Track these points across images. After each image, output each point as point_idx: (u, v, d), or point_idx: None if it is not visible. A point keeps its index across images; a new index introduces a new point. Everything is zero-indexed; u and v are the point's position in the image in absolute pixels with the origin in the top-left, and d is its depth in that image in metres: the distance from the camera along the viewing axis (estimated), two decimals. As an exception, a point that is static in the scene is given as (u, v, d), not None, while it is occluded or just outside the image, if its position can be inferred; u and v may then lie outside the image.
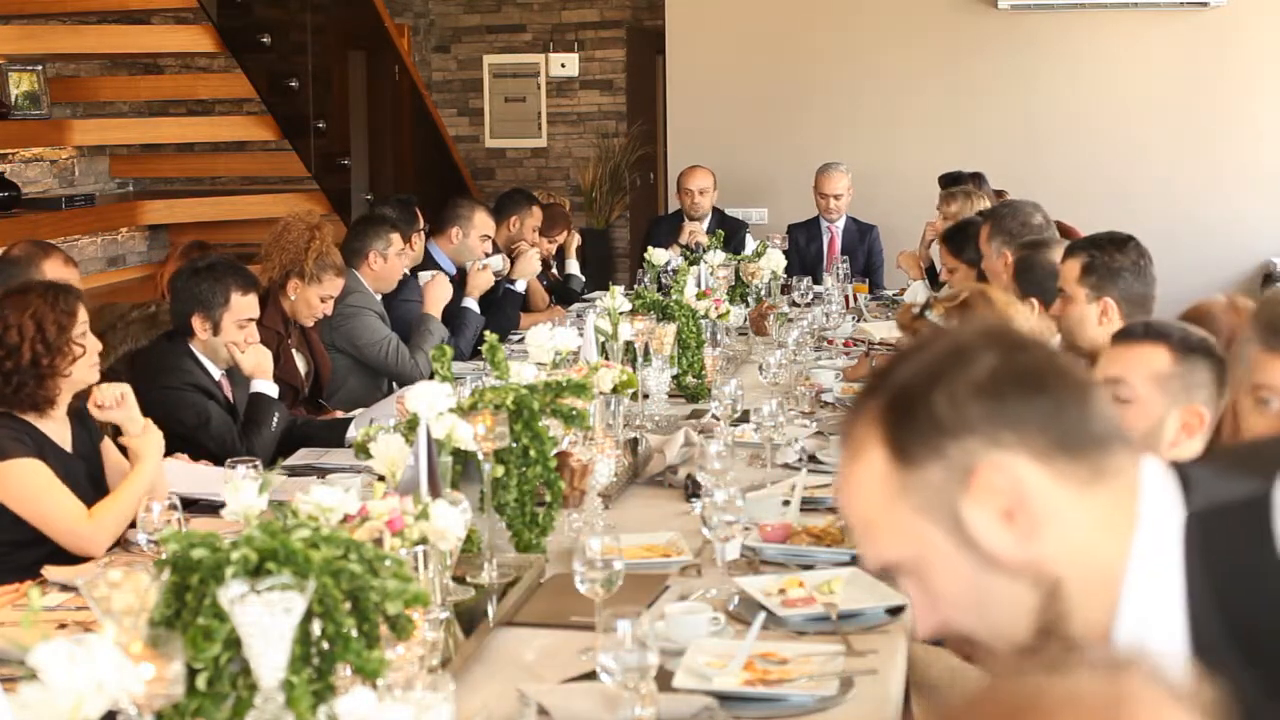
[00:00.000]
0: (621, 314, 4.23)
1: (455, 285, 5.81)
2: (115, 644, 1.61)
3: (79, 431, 3.40)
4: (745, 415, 4.00)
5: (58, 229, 6.64)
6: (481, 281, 5.95)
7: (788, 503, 3.26)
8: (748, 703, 2.29)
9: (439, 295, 5.57)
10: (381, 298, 5.49)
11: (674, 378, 4.57)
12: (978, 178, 7.17)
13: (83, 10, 7.51)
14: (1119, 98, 8.37)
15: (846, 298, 6.52)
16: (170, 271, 4.87)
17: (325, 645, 1.87)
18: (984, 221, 5.03)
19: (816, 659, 2.41)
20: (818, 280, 6.93)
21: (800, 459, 3.78)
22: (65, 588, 2.91)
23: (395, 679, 1.90)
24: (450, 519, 2.34)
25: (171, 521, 2.78)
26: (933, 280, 6.41)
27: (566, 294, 7.12)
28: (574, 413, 3.02)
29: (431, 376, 2.99)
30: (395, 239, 5.47)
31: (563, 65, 9.97)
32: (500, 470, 2.89)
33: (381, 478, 2.69)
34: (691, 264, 5.48)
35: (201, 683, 1.82)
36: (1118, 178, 8.37)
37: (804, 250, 7.51)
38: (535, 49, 10.02)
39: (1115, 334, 2.80)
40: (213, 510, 3.08)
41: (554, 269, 7.29)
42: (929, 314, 3.07)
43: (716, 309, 5.11)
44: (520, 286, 6.36)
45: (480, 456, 2.80)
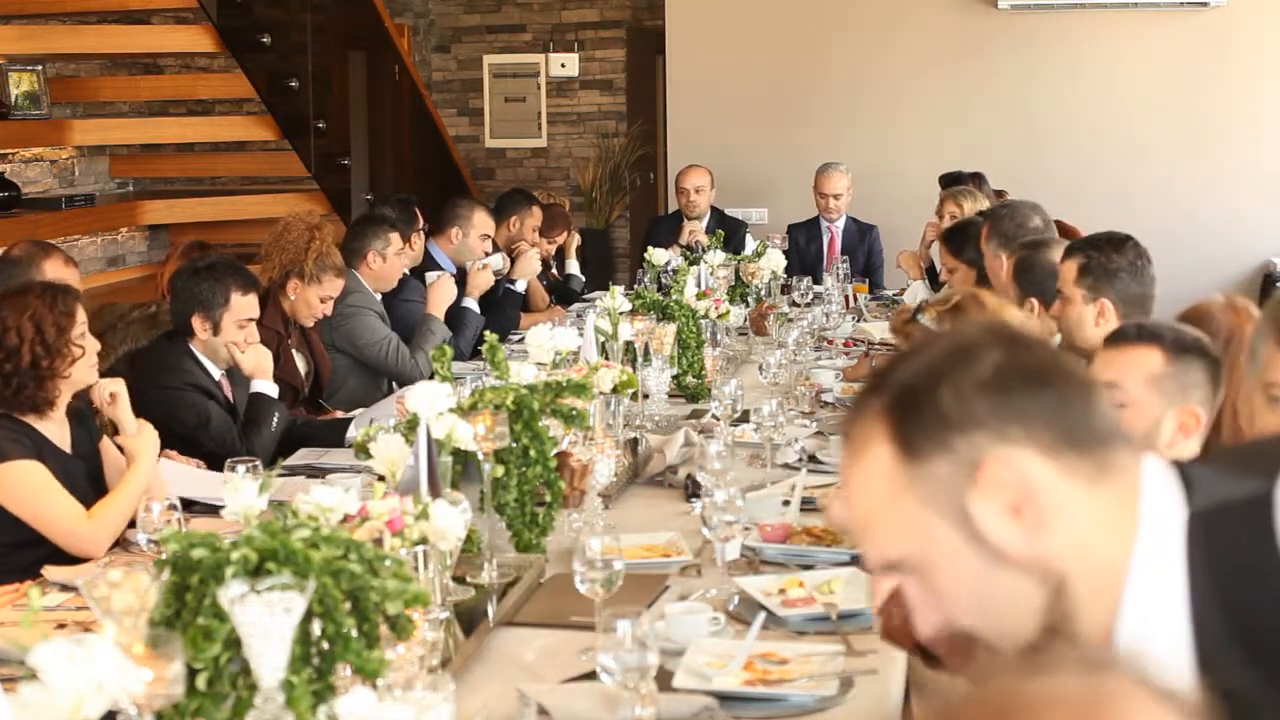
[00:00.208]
0: (621, 314, 4.23)
1: (455, 285, 5.80)
2: (115, 644, 1.61)
3: (78, 432, 3.40)
4: (745, 415, 4.00)
5: (58, 229, 6.64)
6: (481, 281, 5.95)
7: (788, 503, 3.26)
8: (748, 703, 2.29)
9: (443, 296, 5.57)
10: (382, 298, 5.49)
11: (674, 378, 4.57)
12: (978, 178, 7.17)
13: (83, 10, 7.51)
14: (1119, 98, 8.37)
15: (846, 298, 6.52)
16: (171, 271, 4.87)
17: (325, 645, 1.87)
18: (984, 222, 5.03)
19: (816, 659, 2.41)
20: (818, 280, 6.93)
21: (800, 459, 3.78)
22: (65, 588, 2.91)
23: (395, 679, 1.90)
24: (450, 519, 2.34)
25: (171, 521, 2.78)
26: (933, 280, 6.41)
27: (566, 294, 7.12)
28: (574, 413, 3.02)
29: (431, 376, 2.99)
30: (394, 238, 5.47)
31: (563, 65, 9.97)
32: (500, 470, 2.89)
33: (381, 478, 2.69)
34: (691, 264, 5.49)
35: (201, 683, 1.82)
36: (1118, 178, 8.37)
37: (804, 250, 7.51)
38: (535, 49, 10.02)
39: (1108, 337, 2.79)
40: (213, 510, 3.08)
41: (554, 269, 7.30)
42: (921, 318, 3.08)
43: (716, 309, 5.11)
44: (520, 286, 6.36)
45: (480, 456, 2.80)
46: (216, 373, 4.19)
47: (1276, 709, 1.26)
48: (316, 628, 1.86)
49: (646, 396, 4.30)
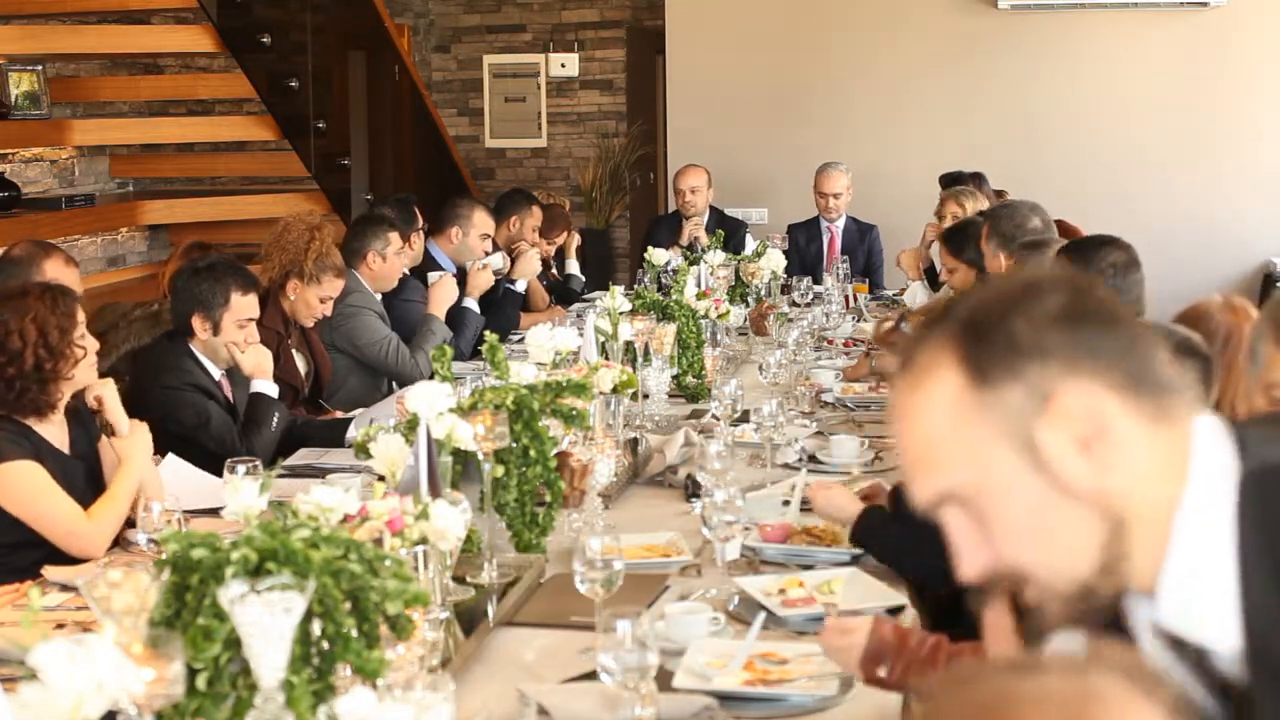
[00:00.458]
0: (621, 314, 4.23)
1: (456, 285, 5.81)
2: (115, 644, 1.61)
3: (76, 432, 3.39)
4: (745, 415, 4.00)
5: (58, 229, 6.64)
6: (481, 281, 5.95)
7: (788, 503, 3.26)
8: (748, 703, 2.30)
9: (444, 296, 5.56)
10: (382, 298, 5.49)
11: (674, 378, 4.57)
12: (978, 178, 7.17)
13: (83, 10, 7.51)
14: (1119, 98, 8.37)
15: (846, 298, 6.52)
16: (172, 271, 4.87)
17: (325, 645, 1.87)
18: (984, 222, 5.03)
19: (816, 659, 2.41)
20: (818, 280, 6.93)
21: (800, 459, 3.78)
22: (65, 588, 2.91)
23: (395, 679, 1.90)
24: (450, 519, 2.34)
25: (171, 521, 2.78)
26: (932, 281, 6.41)
27: (566, 294, 7.12)
28: (574, 413, 3.02)
29: (431, 376, 2.99)
30: (394, 238, 5.47)
31: (563, 65, 9.97)
32: (500, 470, 2.89)
33: (381, 478, 2.69)
34: (691, 264, 5.49)
35: (201, 683, 1.82)
36: (1118, 178, 8.37)
37: (804, 250, 7.51)
38: (535, 49, 10.02)
39: None
40: (212, 510, 3.08)
41: (554, 269, 7.30)
42: (904, 328, 3.07)
43: (716, 309, 5.11)
44: (520, 286, 6.36)
45: (480, 456, 2.80)
46: (216, 373, 4.19)
47: None
48: (316, 628, 1.86)
49: (646, 396, 4.30)
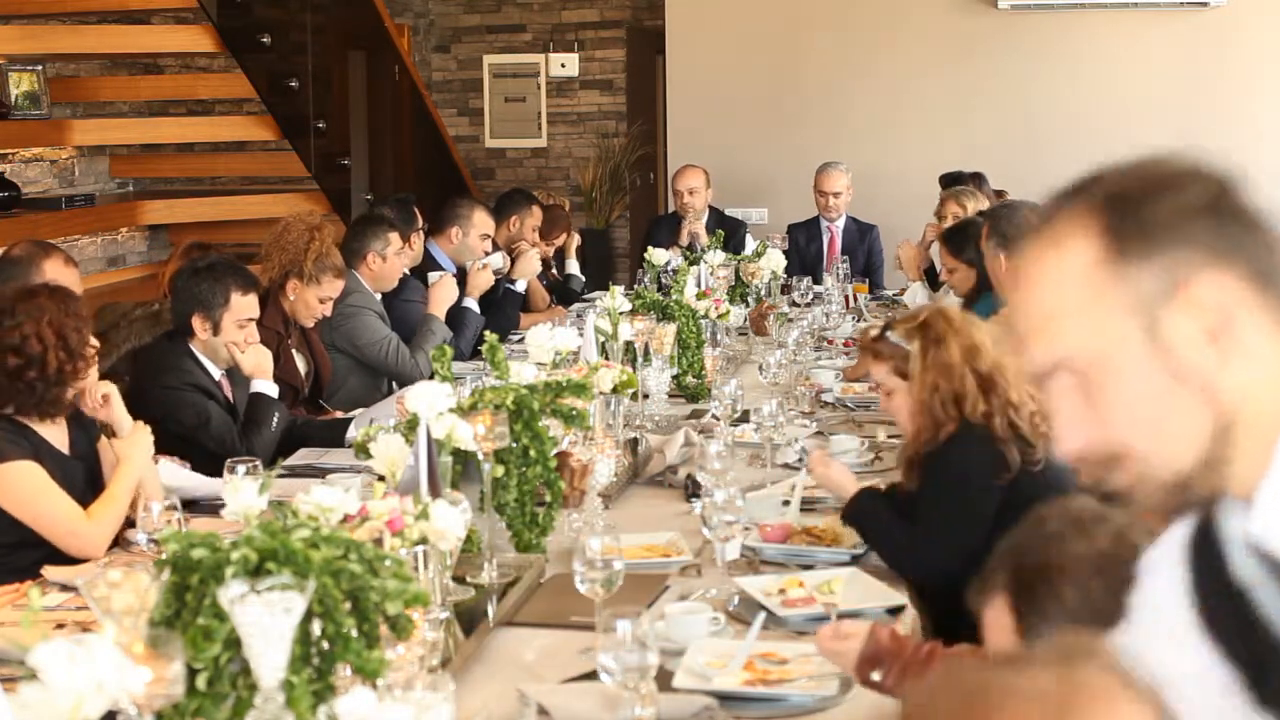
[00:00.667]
0: (621, 314, 4.23)
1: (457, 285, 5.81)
2: (115, 644, 1.61)
3: (76, 432, 3.39)
4: (745, 415, 4.00)
5: (58, 229, 6.64)
6: (481, 281, 5.95)
7: (788, 503, 3.26)
8: (748, 703, 2.30)
9: (444, 296, 5.56)
10: (382, 298, 5.49)
11: (674, 378, 4.57)
12: (978, 178, 7.17)
13: (83, 10, 7.51)
14: (1119, 98, 8.37)
15: (846, 298, 6.52)
16: (172, 271, 4.87)
17: (325, 645, 1.87)
18: (984, 222, 5.03)
19: (816, 659, 2.40)
20: (818, 280, 6.93)
21: (800, 459, 3.78)
22: (65, 588, 2.91)
23: (395, 679, 1.90)
24: (450, 519, 2.34)
25: (171, 521, 2.78)
26: (932, 281, 6.41)
27: (566, 294, 7.12)
28: (574, 413, 3.02)
29: (432, 376, 2.99)
30: (394, 239, 5.48)
31: (563, 65, 9.97)
32: (500, 470, 2.89)
33: (381, 478, 2.69)
34: (691, 264, 5.49)
35: (201, 683, 1.82)
36: (1118, 178, 8.36)
37: (804, 250, 7.50)
38: (535, 49, 10.02)
39: None
40: (213, 510, 3.08)
41: (554, 269, 7.30)
42: (890, 335, 3.07)
43: (716, 309, 5.11)
44: (520, 286, 6.36)
45: (480, 456, 2.80)
46: (216, 373, 4.19)
47: None
48: (316, 628, 1.86)
49: (646, 396, 4.30)
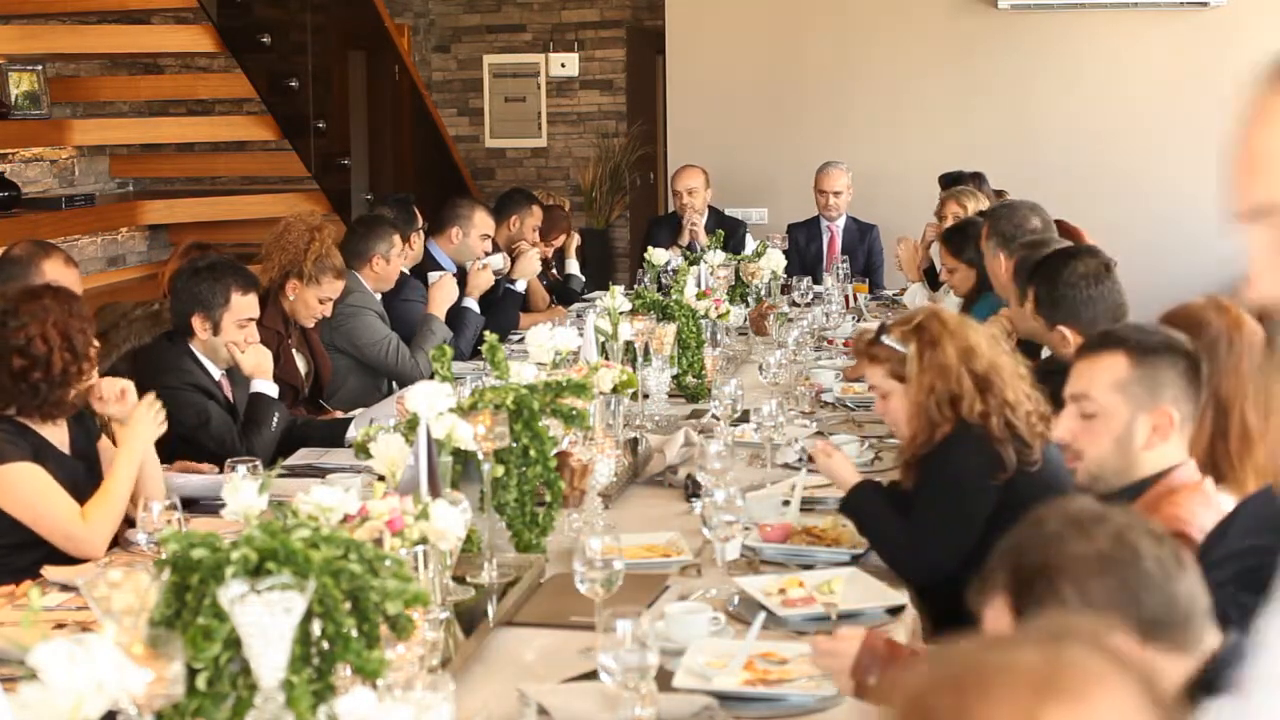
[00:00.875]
0: (621, 314, 4.23)
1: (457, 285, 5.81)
2: (115, 644, 1.61)
3: (76, 432, 3.38)
4: (745, 415, 4.00)
5: (58, 229, 6.64)
6: (482, 281, 5.95)
7: (788, 503, 3.26)
8: (748, 703, 2.30)
9: (444, 296, 5.56)
10: (381, 298, 5.50)
11: (674, 378, 4.57)
12: (978, 178, 7.17)
13: (83, 10, 7.51)
14: (1119, 98, 8.37)
15: (846, 298, 6.52)
16: (172, 271, 4.87)
17: (325, 645, 1.87)
18: (984, 222, 5.03)
19: (816, 659, 2.41)
20: (818, 280, 6.93)
21: (800, 459, 3.78)
22: (65, 588, 2.91)
23: (395, 679, 1.90)
24: (450, 519, 2.34)
25: (171, 521, 2.78)
26: (932, 281, 6.41)
27: (566, 294, 7.12)
28: (574, 413, 3.02)
29: (432, 376, 2.99)
30: (396, 240, 5.48)
31: (563, 65, 9.97)
32: (500, 470, 2.89)
33: (381, 478, 2.69)
34: (691, 264, 5.49)
35: (201, 683, 1.82)
36: (1118, 178, 8.37)
37: (804, 250, 7.50)
38: (535, 49, 10.02)
39: (1076, 349, 2.79)
40: (213, 510, 3.08)
41: (554, 269, 7.30)
42: (885, 339, 3.07)
43: (716, 309, 5.11)
44: (520, 286, 6.36)
45: (480, 456, 2.80)
46: (216, 373, 4.19)
47: None
48: (316, 628, 1.86)
49: (646, 396, 4.30)
